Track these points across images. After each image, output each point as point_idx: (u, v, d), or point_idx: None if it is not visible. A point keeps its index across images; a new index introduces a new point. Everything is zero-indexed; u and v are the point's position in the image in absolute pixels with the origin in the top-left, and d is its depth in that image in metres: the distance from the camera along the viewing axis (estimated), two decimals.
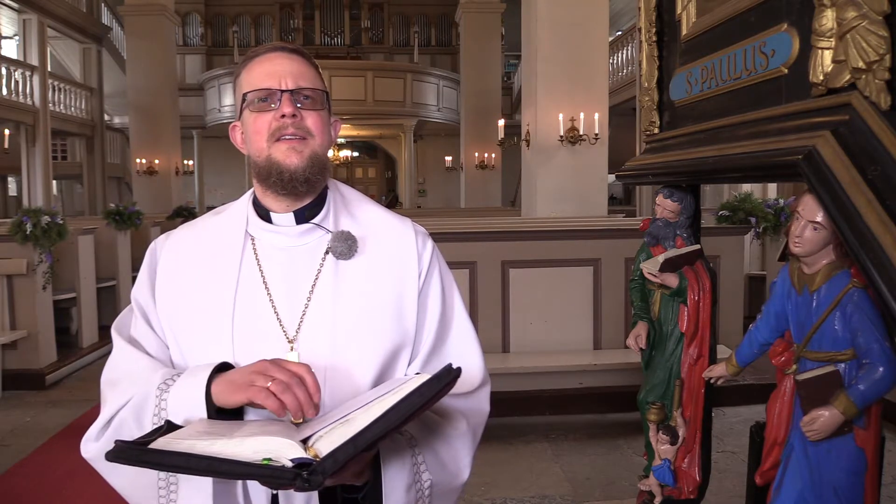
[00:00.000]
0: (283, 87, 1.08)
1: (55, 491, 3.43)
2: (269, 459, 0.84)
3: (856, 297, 1.63)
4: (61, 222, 5.40)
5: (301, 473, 0.82)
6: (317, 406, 0.95)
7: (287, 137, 1.08)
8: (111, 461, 0.84)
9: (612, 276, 4.53)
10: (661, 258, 2.43)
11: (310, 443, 0.88)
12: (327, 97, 1.14)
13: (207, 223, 1.21)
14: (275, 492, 1.01)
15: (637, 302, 2.64)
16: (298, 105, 1.09)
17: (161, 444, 0.86)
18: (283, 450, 0.85)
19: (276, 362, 0.97)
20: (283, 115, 1.07)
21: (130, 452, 0.83)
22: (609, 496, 3.31)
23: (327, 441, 0.86)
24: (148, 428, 0.99)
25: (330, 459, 0.83)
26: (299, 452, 0.85)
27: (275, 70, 1.10)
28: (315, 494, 1.02)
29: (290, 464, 0.84)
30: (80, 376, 5.67)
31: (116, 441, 0.86)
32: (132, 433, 1.00)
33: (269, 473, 0.83)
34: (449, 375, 0.88)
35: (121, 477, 1.06)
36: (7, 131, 10.38)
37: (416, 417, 0.89)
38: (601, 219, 6.12)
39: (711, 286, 2.46)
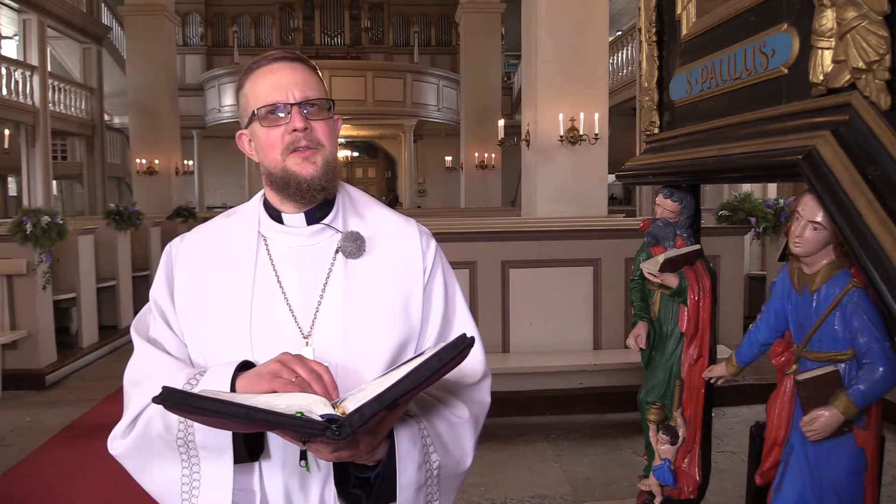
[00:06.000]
0: (291, 101, 1.12)
1: (55, 491, 3.43)
2: (301, 413, 0.91)
3: (856, 297, 1.63)
4: (61, 222, 5.40)
5: (330, 426, 0.89)
6: None
7: (300, 150, 1.12)
8: (157, 403, 0.90)
9: (612, 276, 4.53)
10: (661, 258, 2.43)
11: (338, 403, 0.97)
12: (332, 102, 1.18)
13: (220, 225, 1.25)
14: (302, 448, 1.04)
15: (637, 302, 2.64)
16: (305, 112, 1.13)
17: (203, 392, 0.95)
18: (313, 405, 0.93)
19: (299, 357, 1.02)
20: (295, 129, 1.12)
21: (176, 396, 0.90)
22: (609, 496, 3.31)
23: (353, 401, 0.95)
24: (174, 425, 1.06)
25: (357, 414, 0.90)
26: (329, 409, 0.93)
27: (280, 83, 1.13)
28: (331, 476, 1.08)
29: (319, 418, 0.91)
30: (80, 376, 5.68)
31: (164, 386, 0.92)
32: (160, 431, 1.07)
33: (300, 424, 0.89)
34: (463, 342, 0.96)
35: (146, 473, 1.11)
36: (7, 131, 10.36)
37: (435, 381, 0.97)
38: (601, 219, 6.11)
39: (711, 286, 2.46)
